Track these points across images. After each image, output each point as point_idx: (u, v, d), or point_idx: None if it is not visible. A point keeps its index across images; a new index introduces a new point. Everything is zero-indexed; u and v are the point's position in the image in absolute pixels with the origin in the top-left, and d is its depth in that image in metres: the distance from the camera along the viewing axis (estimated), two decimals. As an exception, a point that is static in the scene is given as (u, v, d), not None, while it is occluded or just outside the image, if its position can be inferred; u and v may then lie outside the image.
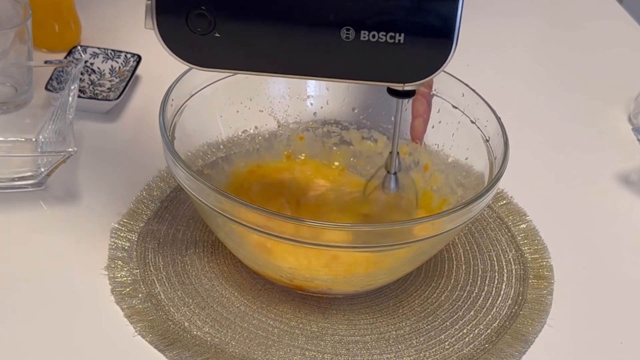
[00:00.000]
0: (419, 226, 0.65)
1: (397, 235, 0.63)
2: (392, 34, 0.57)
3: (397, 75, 0.60)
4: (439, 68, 0.59)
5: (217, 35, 0.59)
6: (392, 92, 0.63)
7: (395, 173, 0.70)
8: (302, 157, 0.81)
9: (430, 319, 0.71)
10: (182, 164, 0.65)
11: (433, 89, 0.78)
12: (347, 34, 0.58)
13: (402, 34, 0.57)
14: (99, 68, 0.95)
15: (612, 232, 0.84)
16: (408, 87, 0.61)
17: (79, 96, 0.85)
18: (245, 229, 0.63)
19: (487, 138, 0.73)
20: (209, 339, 0.67)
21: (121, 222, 0.76)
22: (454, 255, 0.78)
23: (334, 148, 0.82)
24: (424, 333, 0.70)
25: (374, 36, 0.57)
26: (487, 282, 0.75)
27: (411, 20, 0.57)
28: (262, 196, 0.76)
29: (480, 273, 0.76)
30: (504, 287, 0.75)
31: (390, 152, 0.69)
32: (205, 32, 0.59)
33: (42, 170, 0.78)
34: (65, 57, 0.94)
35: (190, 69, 0.73)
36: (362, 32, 0.57)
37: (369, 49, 0.58)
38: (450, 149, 0.77)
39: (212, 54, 0.60)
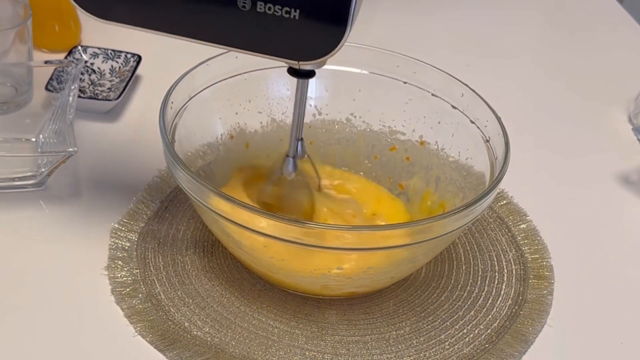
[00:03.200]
0: (420, 227, 0.65)
1: (398, 237, 0.63)
2: (288, 8, 0.58)
3: (291, 52, 0.61)
4: (332, 50, 0.59)
5: None
6: (292, 72, 0.64)
7: (294, 157, 0.70)
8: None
9: (430, 319, 0.71)
10: (182, 166, 0.65)
11: (432, 89, 0.78)
12: (244, 2, 0.58)
13: (298, 10, 0.58)
14: (99, 68, 0.95)
15: (612, 232, 0.84)
16: (304, 66, 0.62)
17: (79, 96, 0.85)
18: (244, 230, 0.63)
19: (488, 138, 0.73)
20: (209, 339, 0.67)
21: (121, 222, 0.76)
22: (454, 255, 0.78)
23: (333, 149, 0.82)
24: (424, 333, 0.70)
25: (269, 8, 0.58)
26: (487, 282, 0.75)
27: None
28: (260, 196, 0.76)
29: (480, 273, 0.76)
30: (504, 287, 0.75)
31: (290, 137, 0.70)
32: None
33: (42, 170, 0.78)
34: (66, 57, 0.95)
35: (190, 70, 0.74)
36: (259, 2, 0.58)
37: (265, 21, 0.59)
38: (450, 149, 0.77)
39: (115, 8, 0.61)
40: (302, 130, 0.70)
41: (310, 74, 0.65)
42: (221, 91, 0.76)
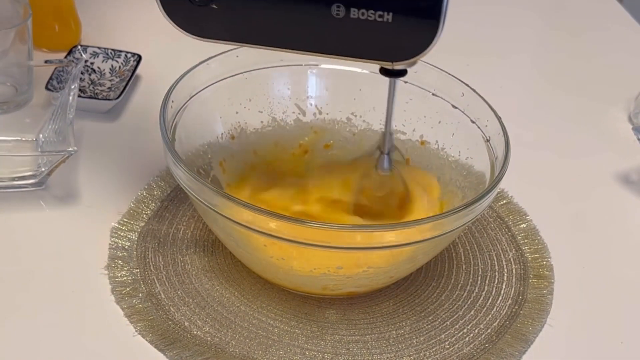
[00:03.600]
0: (420, 227, 0.65)
1: (398, 236, 0.63)
2: (381, 12, 0.59)
3: (385, 53, 0.62)
4: (427, 48, 0.60)
5: (214, 6, 0.61)
6: (384, 72, 0.65)
7: (388, 153, 0.71)
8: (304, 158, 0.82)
9: (430, 318, 0.71)
10: (183, 165, 0.65)
11: (433, 89, 0.78)
12: (337, 10, 0.59)
13: (391, 13, 0.59)
14: (99, 68, 0.95)
15: (612, 232, 0.84)
16: (397, 65, 0.63)
17: (79, 96, 0.85)
18: (245, 229, 0.63)
19: (488, 138, 0.73)
20: (209, 338, 0.67)
21: (121, 222, 0.76)
22: (454, 254, 0.78)
23: (333, 149, 0.82)
24: (424, 333, 0.70)
25: (363, 14, 0.59)
26: (487, 281, 0.75)
27: (399, 0, 0.59)
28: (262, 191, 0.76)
29: (480, 273, 0.76)
30: (504, 286, 0.75)
31: (384, 132, 0.70)
32: (203, 3, 0.61)
33: (42, 169, 0.78)
34: (66, 57, 0.95)
35: (190, 70, 0.74)
36: (352, 9, 0.59)
37: (359, 27, 0.60)
38: (451, 149, 0.77)
39: (210, 25, 0.63)
40: (391, 125, 0.70)
41: (403, 72, 0.65)
42: (222, 90, 0.76)
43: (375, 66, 0.79)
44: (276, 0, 0.60)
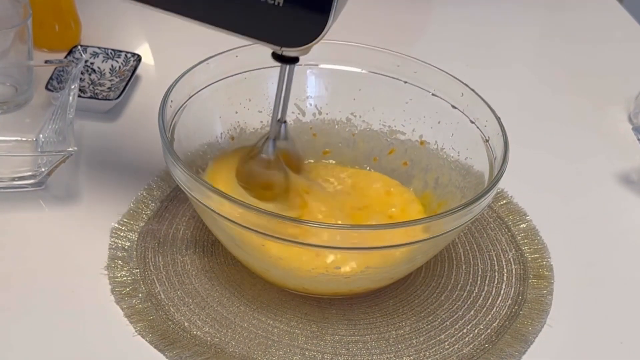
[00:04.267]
0: (419, 227, 0.65)
1: (396, 236, 0.63)
2: None
3: (274, 37, 0.62)
4: (314, 39, 0.60)
5: None
6: (275, 56, 0.65)
7: (274, 139, 0.71)
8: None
9: (430, 318, 0.71)
10: (181, 165, 0.65)
11: (432, 89, 0.78)
12: None
13: None
14: (99, 68, 0.95)
15: (612, 232, 0.84)
16: (286, 52, 0.63)
17: (79, 96, 0.85)
18: (242, 229, 0.63)
19: (487, 138, 0.73)
20: (208, 338, 0.67)
21: (121, 222, 0.76)
22: (453, 255, 0.78)
23: (333, 149, 0.82)
24: (424, 333, 0.70)
25: None
26: (487, 281, 0.75)
27: None
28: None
29: (480, 273, 0.76)
30: (503, 286, 0.75)
31: (271, 118, 0.70)
32: None
33: (42, 169, 0.78)
34: (66, 57, 0.95)
35: (190, 69, 0.74)
36: None
37: (250, 4, 0.60)
38: (450, 149, 0.77)
39: None
40: (285, 112, 0.71)
41: (294, 60, 0.65)
42: (221, 90, 0.76)
43: (375, 66, 0.80)
44: None
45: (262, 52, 0.65)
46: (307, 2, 0.59)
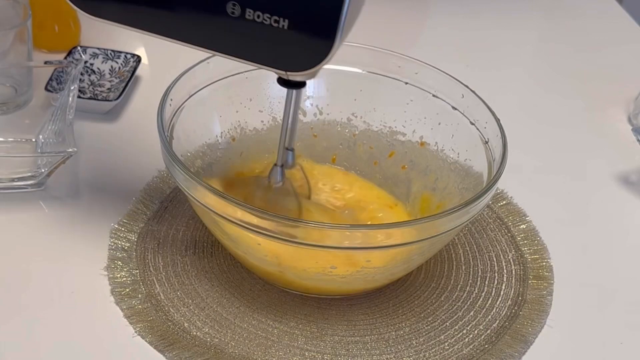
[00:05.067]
0: (417, 227, 0.65)
1: (393, 237, 0.63)
2: (277, 17, 0.57)
3: (279, 62, 0.60)
4: (320, 62, 0.58)
5: None
6: (282, 82, 0.64)
7: (282, 166, 0.70)
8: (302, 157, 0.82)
9: (429, 319, 0.71)
10: (179, 164, 0.65)
11: (433, 90, 0.78)
12: (232, 9, 0.58)
13: (286, 20, 0.57)
14: (98, 68, 0.95)
15: (612, 232, 0.84)
16: (292, 76, 0.61)
17: (79, 96, 0.85)
18: (238, 228, 0.63)
19: (487, 140, 0.73)
20: (208, 339, 0.67)
21: (121, 223, 0.76)
22: (453, 255, 0.78)
23: (334, 149, 0.82)
24: (424, 333, 0.70)
25: (258, 16, 0.57)
26: (486, 282, 0.75)
27: (296, 7, 0.57)
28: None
29: (480, 273, 0.76)
30: (503, 287, 0.75)
31: (279, 146, 0.69)
32: None
33: (42, 170, 0.78)
34: (65, 58, 0.95)
35: (190, 68, 0.74)
36: (248, 10, 0.57)
37: (254, 29, 0.58)
38: (450, 150, 0.77)
39: (106, 5, 0.61)
40: (292, 140, 0.69)
41: (301, 84, 0.64)
42: (222, 89, 0.76)
43: (375, 66, 0.80)
44: None
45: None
46: (312, 25, 0.57)
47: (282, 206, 0.72)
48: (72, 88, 0.80)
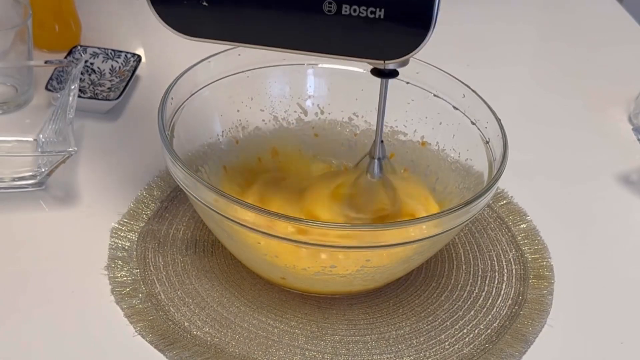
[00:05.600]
0: (417, 226, 0.65)
1: (396, 235, 0.63)
2: (373, 8, 0.58)
3: (377, 52, 0.61)
4: (418, 46, 0.60)
5: (204, 4, 0.61)
6: (376, 72, 0.65)
7: (379, 159, 0.70)
8: (302, 156, 0.82)
9: (430, 318, 0.71)
10: (179, 162, 0.65)
11: (434, 90, 0.78)
12: (329, 7, 0.59)
13: (382, 9, 0.58)
14: (99, 68, 0.95)
15: (612, 232, 0.84)
16: (389, 64, 0.63)
17: (79, 96, 0.85)
18: (238, 226, 0.63)
19: (487, 139, 0.73)
20: (209, 338, 0.67)
21: (121, 222, 0.76)
22: (454, 255, 0.78)
23: (335, 148, 0.82)
24: (424, 333, 0.70)
25: (355, 10, 0.59)
26: (487, 282, 0.75)
27: None
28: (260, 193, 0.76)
29: (480, 273, 0.76)
30: (504, 287, 0.75)
31: (375, 139, 0.69)
32: (193, 0, 0.61)
33: (43, 170, 0.78)
34: (66, 57, 0.95)
35: (191, 67, 0.74)
36: (344, 5, 0.59)
37: (350, 24, 0.59)
38: (451, 150, 0.77)
39: (201, 24, 0.62)
40: (382, 131, 0.70)
41: (394, 73, 0.65)
42: (223, 88, 0.76)
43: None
44: None
45: (264, 50, 0.65)
46: (409, 11, 0.59)
47: (384, 200, 0.72)
48: (72, 87, 0.80)
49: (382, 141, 0.70)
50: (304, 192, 0.74)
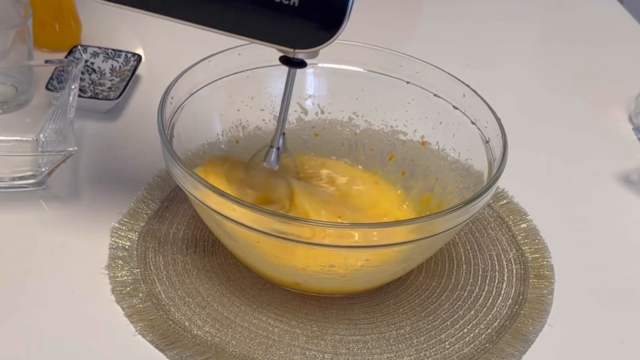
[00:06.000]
0: (413, 226, 0.65)
1: (392, 235, 0.63)
2: None
3: (288, 39, 0.61)
4: (329, 39, 0.60)
5: None
6: (284, 60, 0.65)
7: (277, 149, 0.70)
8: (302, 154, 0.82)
9: (430, 318, 0.71)
10: (179, 162, 0.65)
11: (434, 90, 0.78)
12: None
13: None
14: (99, 67, 0.95)
15: (612, 232, 0.84)
16: (298, 54, 0.63)
17: (80, 95, 0.85)
18: (236, 226, 0.63)
19: (487, 139, 0.73)
20: (209, 338, 0.67)
21: (122, 222, 0.76)
22: (454, 254, 0.78)
23: (336, 147, 0.82)
24: (425, 332, 0.70)
25: None
26: (487, 281, 0.75)
27: None
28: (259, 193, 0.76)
29: (480, 272, 0.76)
30: (504, 286, 0.75)
31: (276, 128, 0.70)
32: None
33: (43, 169, 0.78)
34: (66, 57, 0.95)
35: (191, 67, 0.74)
36: None
37: (264, 7, 0.59)
38: (451, 150, 0.77)
39: None
40: (285, 121, 0.70)
41: (302, 63, 0.65)
42: (223, 88, 0.76)
43: (376, 65, 0.80)
44: None
45: (265, 50, 0.65)
46: (323, 2, 0.59)
47: (274, 190, 0.72)
48: (72, 87, 0.80)
49: (283, 133, 0.70)
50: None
